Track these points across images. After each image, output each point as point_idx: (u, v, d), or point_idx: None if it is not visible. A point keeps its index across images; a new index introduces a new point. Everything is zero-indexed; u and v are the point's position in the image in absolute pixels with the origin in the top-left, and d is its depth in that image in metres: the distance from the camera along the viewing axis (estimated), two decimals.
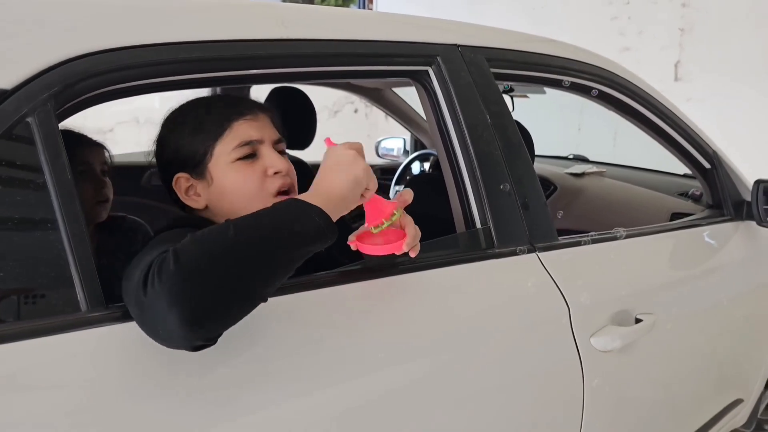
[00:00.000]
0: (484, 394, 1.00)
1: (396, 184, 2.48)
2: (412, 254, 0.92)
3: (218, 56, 0.86)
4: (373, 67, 1.09)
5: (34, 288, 0.70)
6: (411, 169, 2.48)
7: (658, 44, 3.97)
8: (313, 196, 0.76)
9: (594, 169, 2.19)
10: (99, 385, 0.68)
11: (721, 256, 1.61)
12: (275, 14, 0.97)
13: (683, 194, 1.97)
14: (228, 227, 0.68)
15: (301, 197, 0.77)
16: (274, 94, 1.86)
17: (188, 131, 0.94)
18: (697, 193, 1.90)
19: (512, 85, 1.91)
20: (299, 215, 0.73)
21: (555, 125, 4.01)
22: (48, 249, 0.69)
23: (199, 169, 0.93)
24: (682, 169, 2.01)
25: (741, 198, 1.69)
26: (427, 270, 1.00)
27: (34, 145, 0.69)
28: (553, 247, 1.16)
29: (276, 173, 0.92)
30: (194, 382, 0.72)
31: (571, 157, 2.44)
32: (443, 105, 1.11)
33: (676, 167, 2.09)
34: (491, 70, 1.18)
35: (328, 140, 0.86)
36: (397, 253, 0.91)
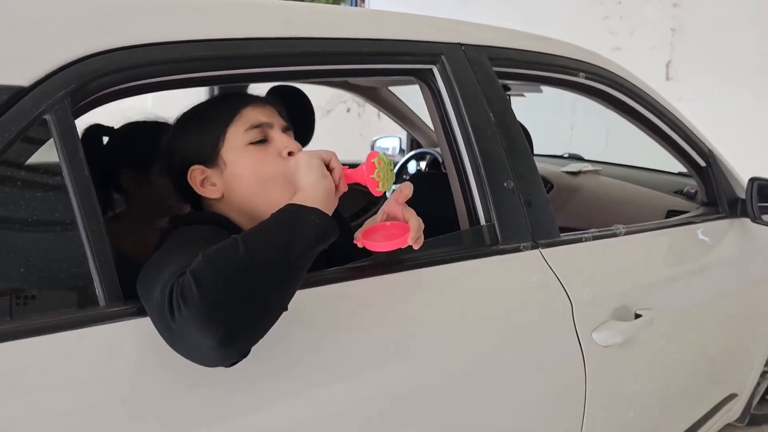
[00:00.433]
0: (490, 387, 1.01)
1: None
2: (416, 247, 0.94)
3: (231, 54, 0.86)
4: (378, 65, 1.10)
5: (52, 284, 0.70)
6: (407, 168, 2.49)
7: (649, 44, 4.02)
8: (303, 201, 0.79)
9: (590, 167, 2.22)
10: (113, 379, 0.69)
11: (717, 252, 1.64)
12: (283, 13, 0.98)
13: (678, 192, 2.00)
14: (237, 244, 0.69)
15: (295, 201, 0.80)
16: (273, 92, 1.86)
17: (199, 123, 0.96)
18: (692, 191, 1.93)
19: (509, 84, 1.93)
20: (299, 220, 0.76)
21: (548, 124, 4.05)
22: (66, 245, 0.70)
23: (212, 158, 0.94)
24: (675, 167, 2.04)
25: (735, 196, 1.72)
26: (433, 266, 1.01)
27: (52, 142, 0.70)
28: (555, 244, 1.18)
29: (290, 153, 0.94)
30: (210, 375, 0.73)
31: (567, 155, 2.47)
32: (447, 103, 1.12)
33: (668, 165, 2.12)
34: (494, 68, 1.20)
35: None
36: (402, 247, 0.93)
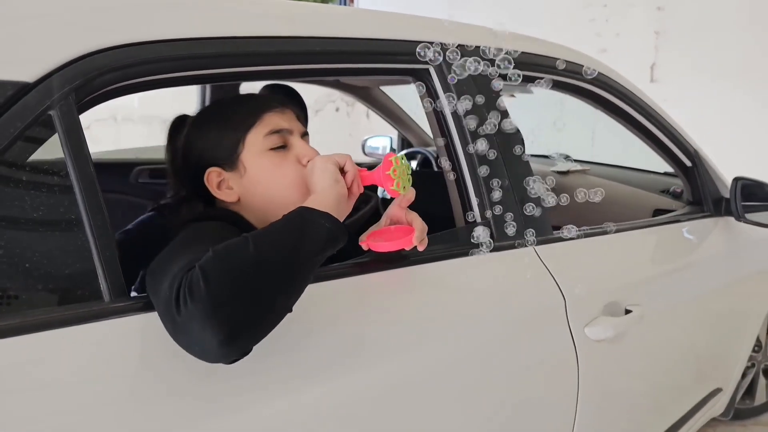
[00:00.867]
0: (485, 381, 1.03)
1: None
2: (420, 248, 0.95)
3: (232, 52, 0.87)
4: (376, 65, 1.12)
5: (57, 279, 0.70)
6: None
7: (634, 46, 4.07)
8: (315, 205, 0.80)
9: (578, 167, 2.25)
10: (116, 374, 0.69)
11: (702, 250, 1.68)
12: (284, 11, 0.99)
13: (665, 191, 2.03)
14: (247, 243, 0.70)
15: (307, 204, 0.80)
16: (266, 91, 1.87)
17: (220, 125, 0.97)
18: (678, 191, 1.97)
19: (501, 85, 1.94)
20: (310, 223, 0.77)
21: (535, 124, 4.08)
22: (71, 241, 0.70)
23: (231, 161, 0.95)
24: (661, 167, 2.07)
25: (720, 195, 1.76)
26: (429, 263, 1.03)
27: (57, 138, 0.70)
28: (548, 241, 1.20)
29: (309, 162, 0.95)
30: (213, 371, 0.74)
31: (555, 155, 2.49)
32: (444, 103, 1.14)
33: (653, 165, 2.15)
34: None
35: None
36: (407, 248, 0.94)
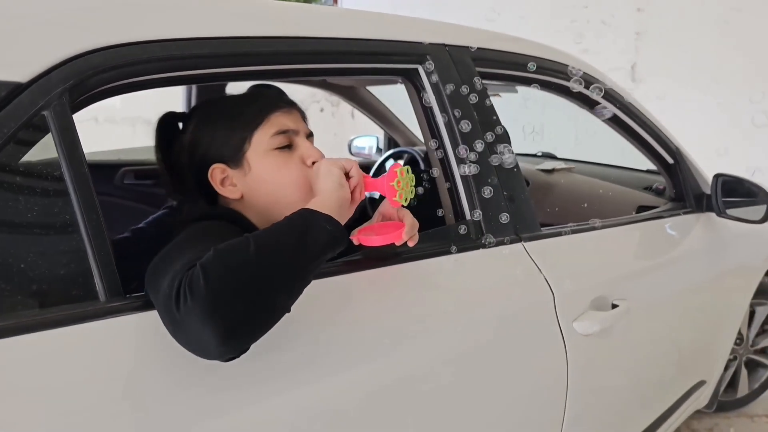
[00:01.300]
0: (476, 376, 1.04)
1: None
2: (410, 244, 0.96)
3: (225, 53, 0.87)
4: (365, 65, 1.12)
5: (52, 279, 0.70)
6: (385, 167, 2.52)
7: (615, 47, 4.14)
8: (317, 207, 0.80)
9: (563, 165, 2.28)
10: (113, 375, 0.69)
11: (685, 246, 1.71)
12: (275, 12, 0.99)
13: (647, 188, 2.07)
14: (248, 243, 0.70)
15: (309, 206, 0.81)
16: (254, 91, 1.86)
17: (227, 122, 0.97)
18: (661, 187, 2.00)
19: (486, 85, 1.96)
20: (312, 225, 0.77)
21: (518, 124, 4.13)
22: (66, 240, 0.70)
23: (236, 159, 0.96)
24: (644, 165, 2.11)
25: (701, 191, 1.79)
26: (419, 260, 1.04)
27: (51, 138, 0.70)
28: (536, 237, 1.22)
29: (314, 163, 0.95)
30: (210, 369, 0.74)
31: (540, 154, 2.53)
32: (433, 102, 1.15)
33: (635, 163, 2.19)
34: (476, 68, 1.24)
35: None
36: (397, 243, 0.95)
